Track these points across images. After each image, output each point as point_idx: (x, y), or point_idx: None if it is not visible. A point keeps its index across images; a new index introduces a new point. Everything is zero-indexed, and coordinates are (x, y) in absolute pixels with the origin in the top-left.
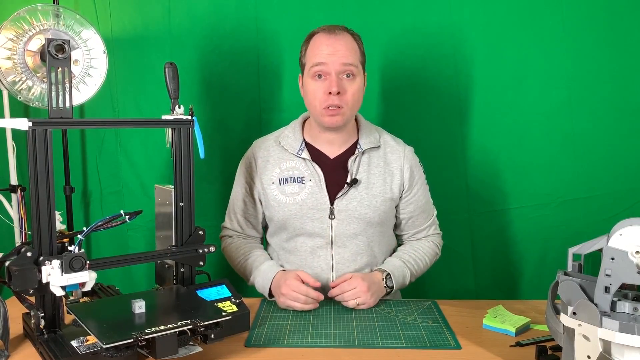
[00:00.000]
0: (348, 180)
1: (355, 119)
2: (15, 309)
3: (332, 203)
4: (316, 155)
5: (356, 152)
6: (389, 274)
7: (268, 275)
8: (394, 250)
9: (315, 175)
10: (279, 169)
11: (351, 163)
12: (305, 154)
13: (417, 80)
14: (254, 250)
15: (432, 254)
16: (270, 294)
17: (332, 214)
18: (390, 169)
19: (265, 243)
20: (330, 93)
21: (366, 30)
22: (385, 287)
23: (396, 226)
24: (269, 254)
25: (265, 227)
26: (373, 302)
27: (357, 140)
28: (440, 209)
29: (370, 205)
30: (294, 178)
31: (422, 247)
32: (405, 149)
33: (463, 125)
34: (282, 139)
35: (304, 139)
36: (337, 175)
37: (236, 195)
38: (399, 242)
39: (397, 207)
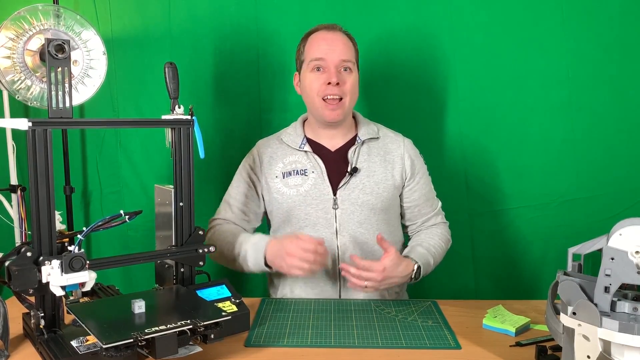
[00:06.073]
0: (349, 170)
1: (354, 116)
2: (15, 309)
3: (335, 194)
4: (317, 149)
5: (356, 143)
6: (420, 266)
7: (259, 246)
8: (404, 244)
9: (317, 167)
10: (282, 164)
11: (351, 154)
12: (307, 148)
13: (416, 80)
14: (243, 232)
15: (446, 240)
16: (267, 266)
17: (335, 204)
18: (390, 157)
19: None
20: (329, 84)
21: (366, 30)
22: (411, 278)
23: (403, 216)
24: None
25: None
26: (385, 287)
27: (357, 134)
28: None
29: (373, 192)
30: (297, 171)
31: (439, 234)
32: (404, 140)
33: (463, 125)
34: (284, 137)
35: (305, 135)
36: (338, 166)
37: (236, 189)
38: (408, 235)
39: (401, 196)
